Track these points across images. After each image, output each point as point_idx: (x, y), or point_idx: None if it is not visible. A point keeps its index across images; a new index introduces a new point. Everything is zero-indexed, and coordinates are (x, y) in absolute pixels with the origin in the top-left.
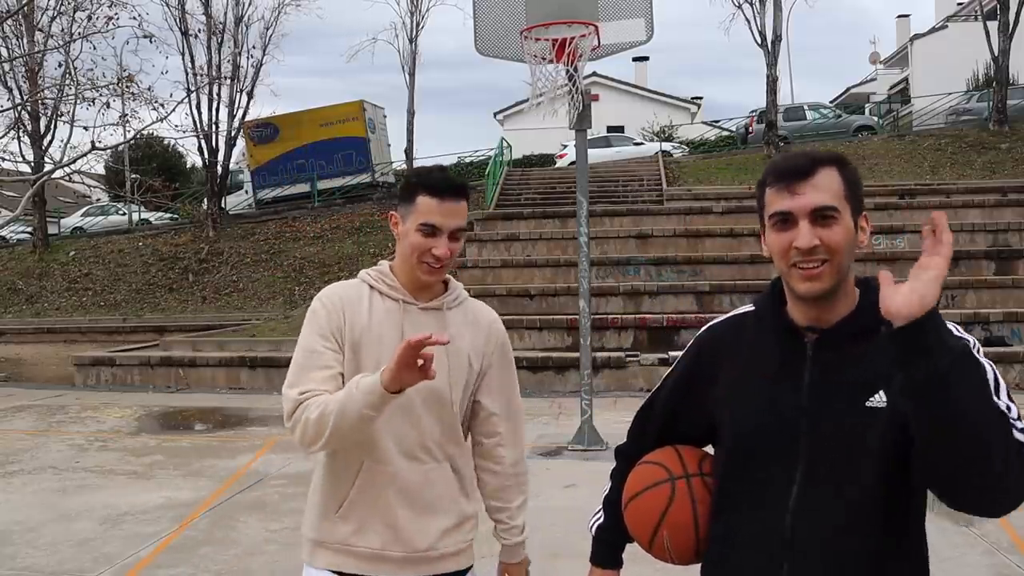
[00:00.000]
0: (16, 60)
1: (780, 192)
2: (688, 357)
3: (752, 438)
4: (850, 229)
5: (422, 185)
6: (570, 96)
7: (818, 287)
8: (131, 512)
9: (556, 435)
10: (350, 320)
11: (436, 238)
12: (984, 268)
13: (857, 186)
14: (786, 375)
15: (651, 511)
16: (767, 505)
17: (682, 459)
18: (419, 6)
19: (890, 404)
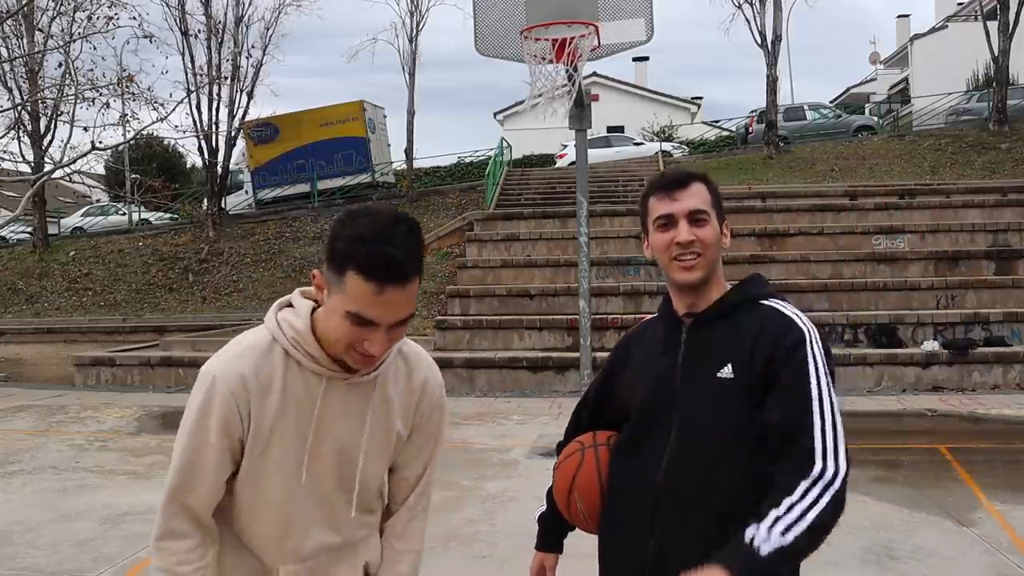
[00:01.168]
0: (16, 60)
1: (662, 199)
2: (607, 363)
3: (642, 407)
4: (717, 231)
5: (355, 260)
6: (570, 96)
7: (694, 276)
8: (131, 512)
9: (556, 435)
10: (256, 414)
11: (371, 331)
12: (984, 268)
13: (719, 198)
14: (667, 354)
15: (565, 476)
16: (649, 458)
17: (594, 436)
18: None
19: (738, 377)
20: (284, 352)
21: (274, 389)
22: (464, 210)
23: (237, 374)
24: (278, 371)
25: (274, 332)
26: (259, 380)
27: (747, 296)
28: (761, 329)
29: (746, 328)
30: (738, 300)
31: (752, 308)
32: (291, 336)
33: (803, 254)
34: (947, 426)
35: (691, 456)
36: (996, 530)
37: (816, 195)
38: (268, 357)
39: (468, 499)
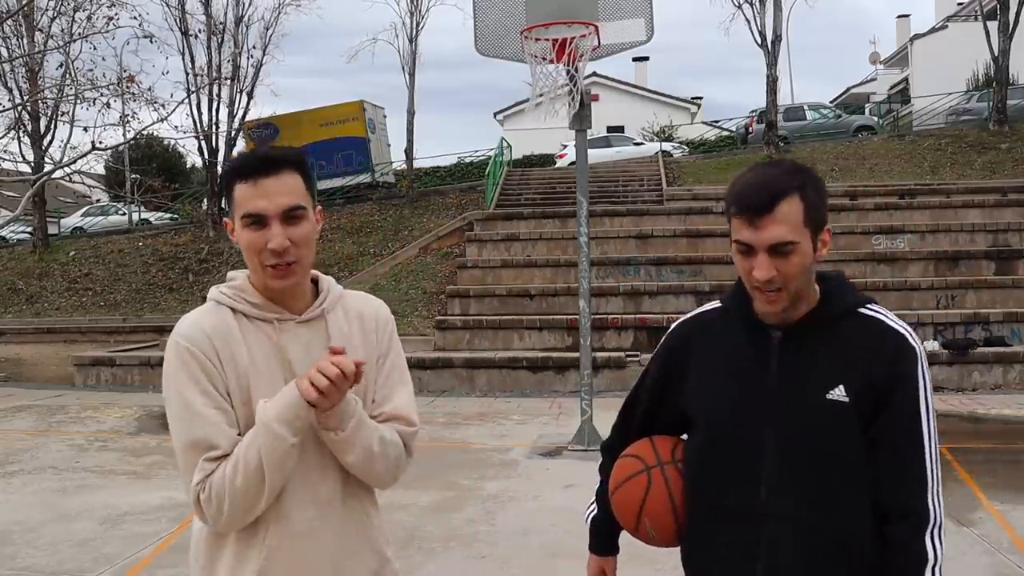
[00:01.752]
0: (16, 60)
1: (743, 223)
2: (660, 356)
3: (724, 425)
4: (808, 255)
5: (233, 171)
6: (570, 96)
7: (774, 310)
8: (131, 512)
9: (556, 435)
10: (229, 366)
11: (266, 228)
12: (984, 268)
13: (817, 207)
14: (754, 367)
15: (631, 501)
16: (738, 487)
17: (656, 449)
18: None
19: (852, 399)
20: (231, 310)
21: (236, 340)
22: (464, 210)
23: (197, 328)
24: (232, 325)
25: (213, 296)
26: (219, 331)
27: (847, 306)
28: (874, 347)
29: (855, 343)
30: (839, 310)
31: (855, 319)
32: (230, 293)
33: None
34: (947, 426)
35: (801, 478)
36: (996, 530)
37: None
38: (218, 314)
39: (468, 499)
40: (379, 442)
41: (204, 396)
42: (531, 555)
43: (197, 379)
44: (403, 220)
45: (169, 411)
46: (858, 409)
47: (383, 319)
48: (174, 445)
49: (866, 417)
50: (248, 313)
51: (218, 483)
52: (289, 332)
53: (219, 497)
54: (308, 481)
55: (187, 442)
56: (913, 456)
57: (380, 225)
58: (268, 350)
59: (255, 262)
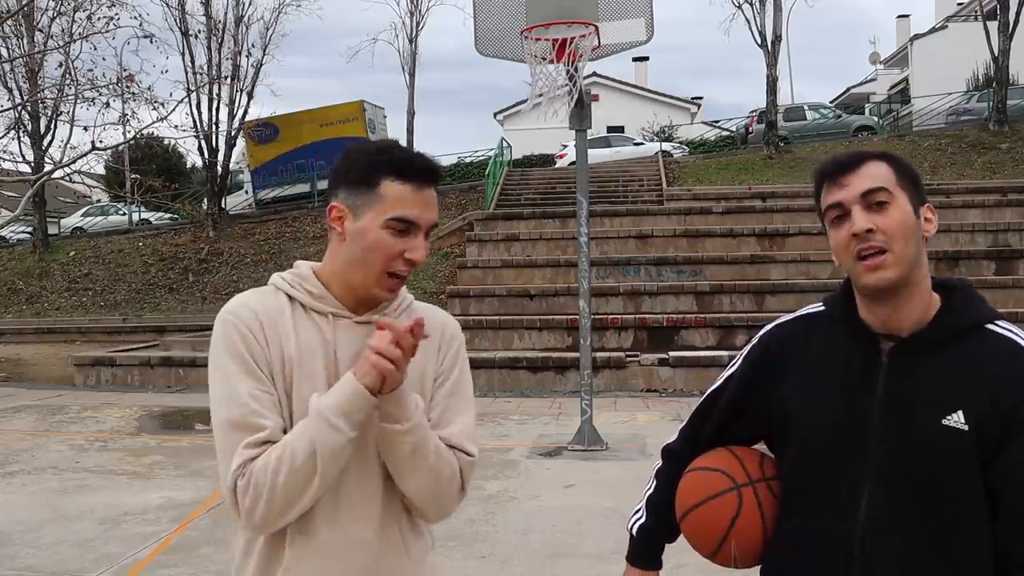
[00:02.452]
0: (16, 60)
1: (831, 188)
2: (752, 357)
3: (821, 443)
4: (908, 214)
5: (389, 166)
6: (570, 96)
7: (884, 277)
8: (131, 512)
9: (556, 435)
10: (275, 350)
11: (412, 237)
12: (984, 268)
13: (911, 176)
14: (859, 383)
15: (718, 522)
16: (836, 513)
17: (743, 464)
18: (419, 6)
19: (973, 428)
20: (288, 297)
21: (286, 328)
22: (464, 210)
23: (246, 307)
24: (286, 310)
25: (274, 282)
26: (268, 313)
27: (973, 319)
28: (1006, 370)
29: (981, 363)
30: (962, 326)
31: (981, 336)
32: (290, 279)
33: (803, 254)
34: None
35: (903, 518)
36: None
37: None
38: (273, 298)
39: (468, 499)
40: (436, 455)
41: (250, 376)
42: (531, 555)
43: (243, 358)
44: None
45: (212, 388)
46: (979, 440)
47: (449, 335)
48: (213, 425)
49: (989, 449)
50: (304, 302)
51: (260, 472)
52: (344, 330)
53: (258, 488)
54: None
55: (228, 421)
56: None
57: None
58: (317, 343)
59: (377, 266)
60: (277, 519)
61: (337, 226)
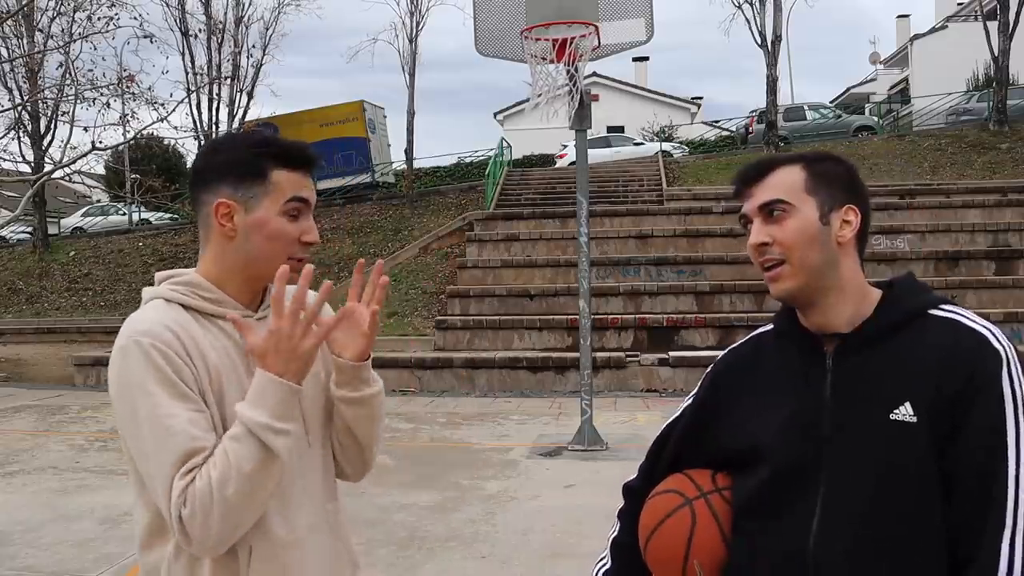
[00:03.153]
0: (16, 60)
1: (741, 198)
2: (704, 388)
3: (773, 456)
4: (809, 222)
5: (276, 156)
6: (570, 96)
7: (782, 288)
8: (131, 512)
9: (556, 435)
10: (199, 361)
11: (304, 220)
12: (984, 268)
13: (832, 178)
14: (806, 388)
15: (675, 542)
16: (789, 528)
17: (693, 480)
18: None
19: (923, 420)
20: (182, 307)
21: (200, 338)
22: (464, 210)
23: (158, 325)
24: (189, 322)
25: (160, 294)
26: (182, 327)
27: (912, 309)
28: (948, 353)
29: (924, 350)
30: (902, 316)
31: (923, 323)
32: (182, 290)
33: None
34: None
35: (857, 518)
36: None
37: None
38: (172, 311)
39: (468, 499)
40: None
41: (181, 400)
42: (531, 555)
43: (171, 381)
44: (403, 220)
45: (134, 426)
46: (931, 430)
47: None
48: (145, 467)
49: (942, 439)
50: (203, 309)
51: (203, 494)
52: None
53: (205, 510)
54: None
55: (169, 458)
56: (987, 487)
57: (380, 225)
58: (228, 347)
59: (277, 253)
60: (230, 538)
61: (226, 223)
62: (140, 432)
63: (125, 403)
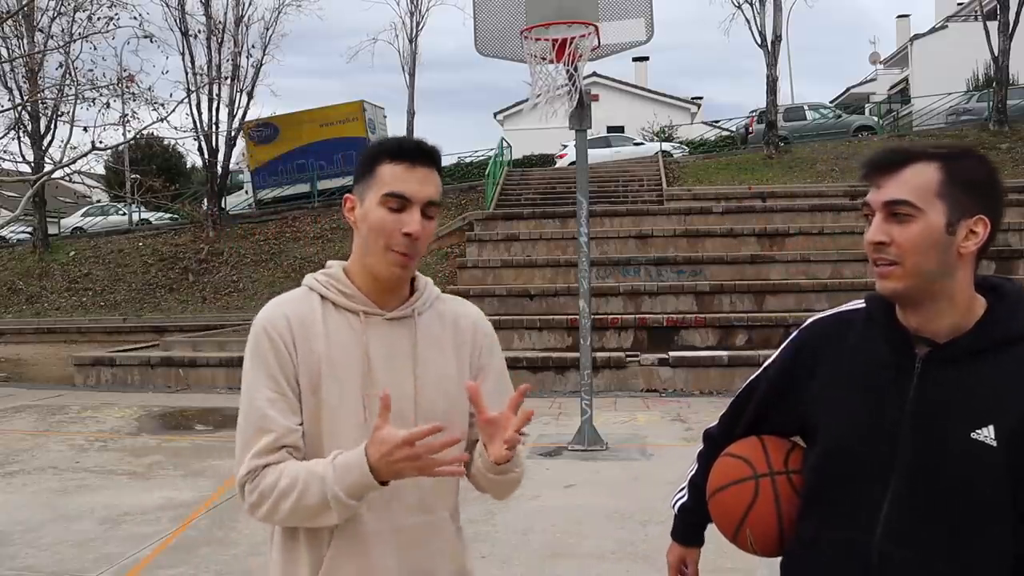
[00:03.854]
0: (16, 60)
1: (869, 184)
2: (788, 352)
3: (846, 447)
4: (934, 229)
5: (384, 151)
6: (570, 96)
7: (888, 287)
8: (131, 512)
9: (556, 435)
10: (304, 351)
11: (406, 212)
12: (984, 268)
13: (967, 184)
14: (889, 387)
15: (734, 508)
16: (855, 520)
17: (767, 454)
18: (419, 6)
19: (1002, 446)
20: (320, 297)
21: (316, 329)
22: (464, 210)
23: (279, 314)
24: (317, 313)
25: (307, 282)
26: (300, 318)
27: (1016, 333)
28: None
29: (1018, 378)
30: (1004, 336)
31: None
32: (323, 280)
33: (803, 254)
34: None
35: (924, 530)
36: None
37: (816, 195)
38: (306, 301)
39: (468, 499)
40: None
41: (271, 381)
42: (531, 555)
43: (268, 364)
44: None
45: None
46: (1009, 457)
47: (482, 330)
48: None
49: (1019, 467)
50: (336, 302)
51: (266, 489)
52: (375, 327)
53: (263, 498)
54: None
55: (244, 423)
56: None
57: None
58: (349, 342)
59: (380, 244)
60: (277, 523)
61: (349, 215)
62: (241, 397)
63: (243, 370)
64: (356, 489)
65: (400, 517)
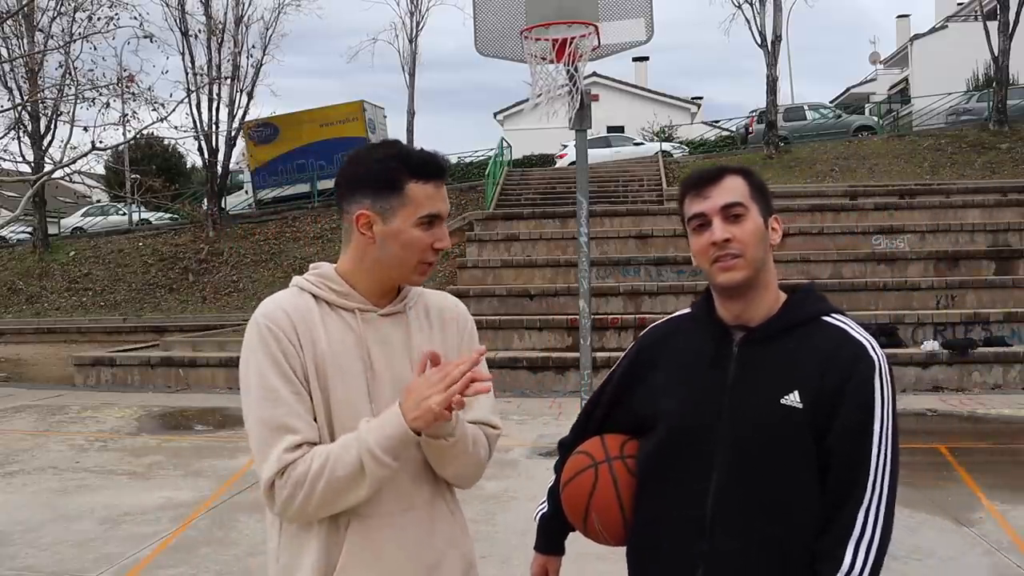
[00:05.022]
0: (16, 60)
1: (694, 198)
2: (629, 356)
3: (677, 426)
4: (759, 225)
5: (410, 171)
6: (570, 96)
7: (735, 277)
8: (131, 512)
9: (556, 435)
10: (308, 347)
11: (437, 228)
12: (984, 268)
13: (763, 191)
14: (712, 369)
15: (579, 496)
16: (688, 491)
17: (604, 445)
18: (419, 6)
19: (807, 407)
20: (313, 297)
21: (316, 326)
22: (464, 210)
23: (278, 309)
24: (314, 312)
25: (296, 283)
26: (300, 315)
27: (810, 313)
28: (831, 354)
29: (812, 350)
30: (801, 317)
31: (816, 326)
32: (314, 280)
33: (803, 254)
34: (947, 426)
35: (750, 485)
36: (996, 530)
37: (816, 195)
38: (301, 298)
39: (468, 499)
40: (473, 444)
41: (283, 378)
42: (531, 555)
43: (277, 360)
44: None
45: (245, 389)
46: (813, 419)
47: (463, 318)
48: (247, 423)
49: (820, 429)
50: (331, 301)
51: (299, 477)
52: (371, 324)
53: (296, 487)
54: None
55: (262, 420)
56: (854, 467)
57: None
58: (348, 339)
59: (414, 261)
60: (312, 516)
61: (366, 231)
62: (248, 394)
63: (242, 367)
64: (389, 442)
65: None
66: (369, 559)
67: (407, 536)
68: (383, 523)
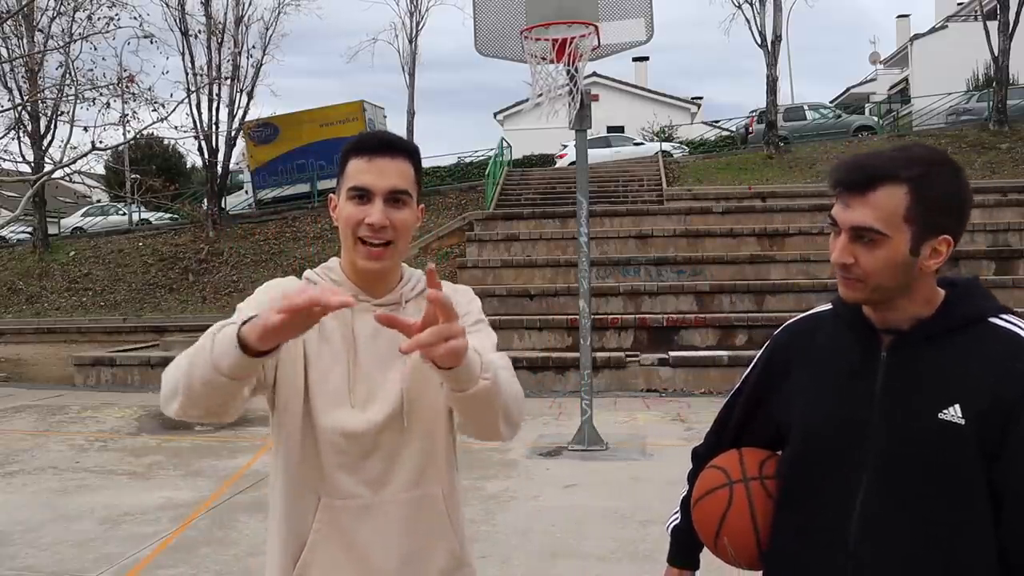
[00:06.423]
0: (16, 60)
1: (838, 197)
2: (763, 359)
3: (818, 438)
4: (899, 254)
5: (350, 148)
6: (570, 96)
7: (851, 296)
8: (131, 512)
9: (556, 435)
10: None
11: (368, 204)
12: (984, 268)
13: (935, 205)
14: (858, 376)
15: (711, 516)
16: (831, 509)
17: (743, 462)
18: (419, 6)
19: (971, 425)
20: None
21: None
22: (464, 210)
23: (277, 285)
24: None
25: (305, 274)
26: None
27: (971, 315)
28: (1005, 363)
29: (979, 357)
30: (959, 321)
31: (982, 330)
32: (319, 271)
33: (803, 254)
34: None
35: (898, 515)
36: None
37: (816, 195)
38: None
39: (468, 499)
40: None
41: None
42: (531, 555)
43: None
44: None
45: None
46: (979, 434)
47: (462, 291)
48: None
49: (991, 444)
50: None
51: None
52: (362, 313)
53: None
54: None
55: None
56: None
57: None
58: (336, 324)
59: (350, 238)
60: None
61: (333, 215)
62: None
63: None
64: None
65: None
66: (337, 539)
67: (379, 522)
68: (350, 504)
